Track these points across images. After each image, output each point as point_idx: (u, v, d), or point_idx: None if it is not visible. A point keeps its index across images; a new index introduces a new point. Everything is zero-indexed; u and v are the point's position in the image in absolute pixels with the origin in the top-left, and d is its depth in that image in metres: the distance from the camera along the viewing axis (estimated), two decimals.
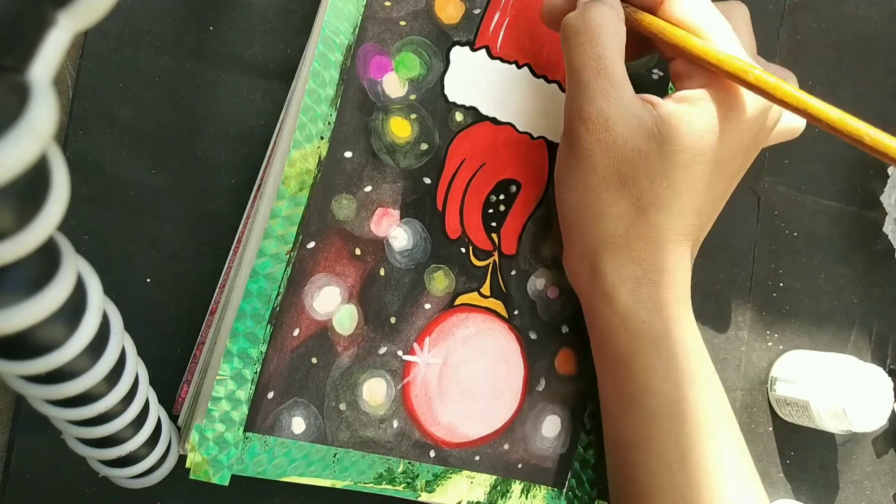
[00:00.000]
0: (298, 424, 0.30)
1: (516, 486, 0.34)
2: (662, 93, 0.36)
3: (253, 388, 0.29)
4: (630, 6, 0.30)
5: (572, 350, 0.35)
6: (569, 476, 0.35)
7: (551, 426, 0.35)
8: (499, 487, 0.33)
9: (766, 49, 0.42)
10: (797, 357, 0.41)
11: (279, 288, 0.29)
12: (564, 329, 0.35)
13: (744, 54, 0.29)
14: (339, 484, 0.30)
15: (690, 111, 0.29)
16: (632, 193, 0.29)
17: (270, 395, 0.29)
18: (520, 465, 0.34)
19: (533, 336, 0.34)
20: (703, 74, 0.29)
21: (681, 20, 0.29)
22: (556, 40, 0.35)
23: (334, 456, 0.30)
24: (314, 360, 0.30)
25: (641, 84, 0.36)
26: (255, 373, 0.29)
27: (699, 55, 0.28)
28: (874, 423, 0.38)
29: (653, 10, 0.30)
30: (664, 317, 0.30)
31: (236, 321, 0.29)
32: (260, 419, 0.29)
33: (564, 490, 0.35)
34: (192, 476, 0.28)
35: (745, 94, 0.29)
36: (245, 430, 0.29)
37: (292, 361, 0.30)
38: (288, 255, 0.30)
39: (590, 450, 0.35)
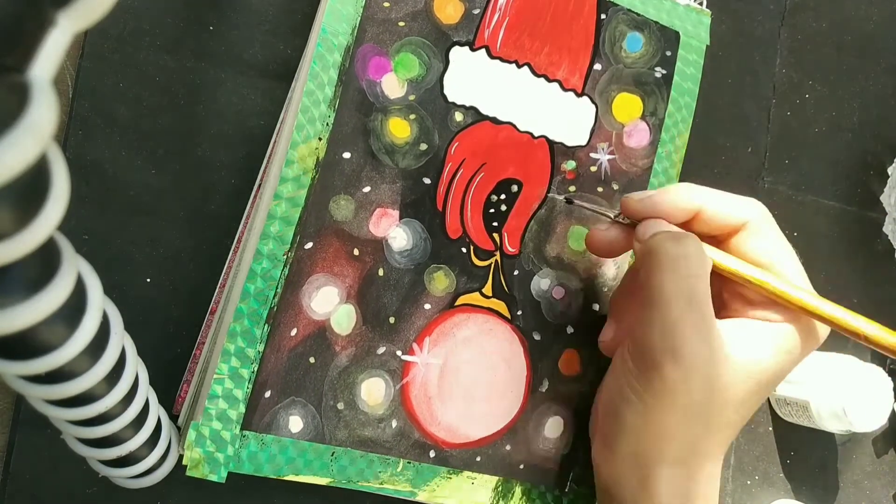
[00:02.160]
0: (296, 423, 0.30)
1: (518, 488, 0.34)
2: (663, 92, 0.36)
3: (250, 386, 0.29)
4: (704, 242, 0.30)
5: (576, 351, 0.35)
6: (570, 478, 0.35)
7: (554, 427, 0.34)
8: (500, 488, 0.33)
9: (767, 49, 0.42)
10: None
11: (277, 288, 0.29)
12: (570, 330, 0.35)
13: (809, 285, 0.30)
14: (336, 482, 0.30)
15: (776, 350, 0.29)
16: (705, 419, 0.28)
17: (268, 393, 0.29)
18: (521, 467, 0.34)
19: (537, 337, 0.34)
20: (778, 310, 0.29)
21: (755, 256, 0.29)
22: (557, 40, 0.35)
23: (332, 455, 0.30)
24: (312, 360, 0.30)
25: (645, 82, 0.36)
26: (253, 372, 0.29)
27: (790, 301, 0.29)
28: (874, 423, 0.38)
29: (722, 244, 0.30)
30: None
31: (234, 321, 0.29)
32: (257, 418, 0.29)
33: (566, 491, 0.35)
34: (188, 473, 0.28)
35: (819, 325, 0.30)
36: (242, 429, 0.29)
37: (290, 361, 0.30)
38: (285, 256, 0.30)
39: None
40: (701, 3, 0.38)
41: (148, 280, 0.31)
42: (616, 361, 0.31)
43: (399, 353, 0.32)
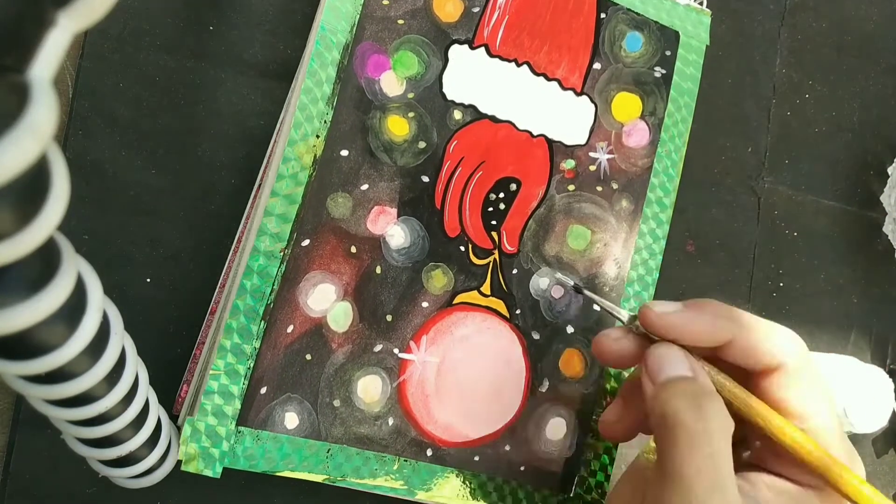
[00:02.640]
0: (291, 420, 0.30)
1: (519, 490, 0.33)
2: (663, 92, 0.36)
3: (246, 382, 0.29)
4: (729, 379, 0.26)
5: (578, 351, 0.35)
6: (575, 481, 0.34)
7: (556, 429, 0.34)
8: (499, 489, 0.33)
9: (767, 49, 0.42)
10: None
11: (273, 285, 0.29)
12: (570, 329, 0.35)
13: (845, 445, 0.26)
14: (332, 479, 0.30)
15: None
16: None
17: (263, 390, 0.29)
18: (522, 468, 0.33)
19: (536, 336, 0.34)
20: (808, 471, 0.26)
21: (787, 406, 0.26)
22: (556, 39, 0.35)
23: (328, 451, 0.30)
24: (308, 357, 0.30)
25: (644, 81, 0.36)
26: (249, 368, 0.29)
27: (817, 468, 0.25)
28: (875, 424, 0.38)
29: (749, 381, 0.27)
30: None
31: (230, 317, 0.29)
32: (252, 414, 0.29)
33: (571, 496, 0.34)
34: (183, 468, 0.28)
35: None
36: (237, 425, 0.29)
37: (286, 357, 0.30)
38: (282, 253, 0.30)
39: (596, 458, 0.35)
40: (701, 3, 0.38)
41: (148, 280, 0.31)
42: None
43: (396, 350, 0.32)
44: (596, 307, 0.34)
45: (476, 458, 0.33)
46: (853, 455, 0.27)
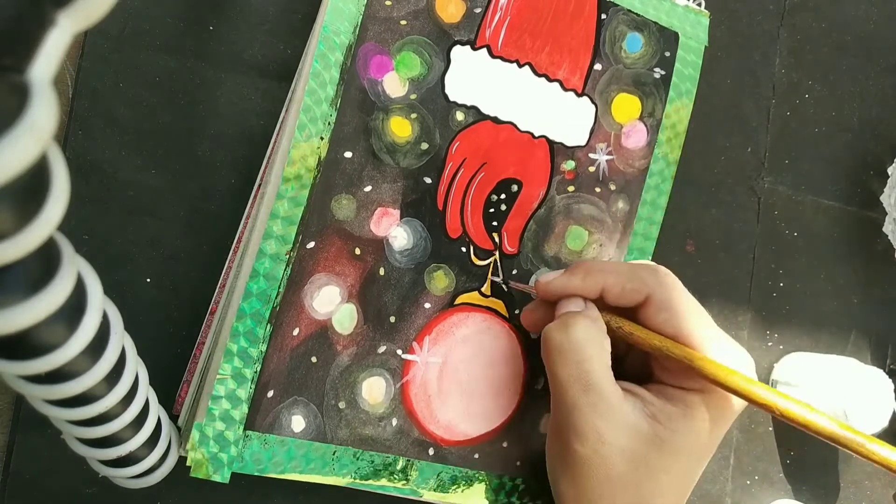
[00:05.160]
0: (298, 423, 0.30)
1: (516, 484, 0.34)
2: (661, 93, 0.36)
3: (253, 386, 0.29)
4: (609, 314, 0.31)
5: None
6: None
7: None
8: (498, 485, 0.33)
9: (767, 49, 0.42)
10: (797, 360, 0.41)
11: (279, 288, 0.29)
12: None
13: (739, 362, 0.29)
14: (338, 481, 0.30)
15: (689, 416, 0.29)
16: (632, 488, 0.29)
17: (270, 393, 0.29)
18: (518, 463, 0.34)
19: (534, 335, 0.34)
20: (695, 378, 0.29)
21: (662, 329, 0.30)
22: (558, 40, 0.35)
23: (333, 454, 0.30)
24: (314, 359, 0.30)
25: (644, 82, 0.36)
26: (256, 372, 0.29)
27: (699, 370, 0.28)
28: (875, 425, 0.38)
29: (633, 316, 0.31)
30: None
31: (236, 321, 0.29)
32: (260, 417, 0.29)
33: None
34: (192, 474, 0.28)
35: (735, 399, 0.30)
36: (245, 429, 0.29)
37: (292, 360, 0.30)
38: (287, 256, 0.30)
39: None
40: (700, 4, 0.38)
41: (148, 280, 0.31)
42: (548, 433, 0.31)
43: (399, 352, 0.32)
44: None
45: (476, 456, 0.33)
46: (739, 356, 0.30)
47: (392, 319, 0.32)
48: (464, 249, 0.33)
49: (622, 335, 0.30)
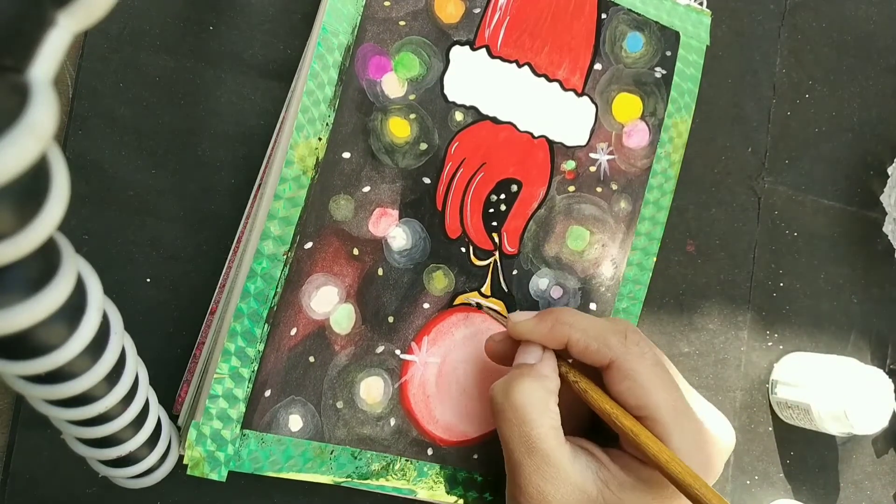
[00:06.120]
0: (295, 422, 0.30)
1: None
2: (663, 92, 0.36)
3: (250, 386, 0.29)
4: (569, 367, 0.30)
5: None
6: None
7: None
8: (498, 484, 0.33)
9: (767, 49, 0.42)
10: (797, 360, 0.41)
11: (276, 288, 0.29)
12: None
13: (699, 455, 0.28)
14: (336, 480, 0.30)
15: (639, 490, 0.28)
16: None
17: (268, 393, 0.29)
18: None
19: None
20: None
21: (622, 399, 0.28)
22: (558, 40, 0.35)
23: (331, 453, 0.30)
24: (312, 359, 0.30)
25: (645, 82, 0.36)
26: (253, 371, 0.29)
27: (642, 447, 0.27)
28: (875, 425, 0.38)
29: (598, 377, 0.29)
30: None
31: (234, 321, 0.29)
32: (257, 417, 0.29)
33: None
34: (189, 472, 0.28)
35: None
36: (242, 428, 0.29)
37: (290, 360, 0.30)
38: (285, 256, 0.30)
39: None
40: (701, 3, 0.38)
41: (148, 280, 0.31)
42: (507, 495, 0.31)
43: (398, 352, 0.32)
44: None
45: (474, 456, 0.33)
46: (713, 431, 0.29)
47: (390, 319, 0.32)
48: (463, 249, 0.33)
49: (577, 391, 0.29)
